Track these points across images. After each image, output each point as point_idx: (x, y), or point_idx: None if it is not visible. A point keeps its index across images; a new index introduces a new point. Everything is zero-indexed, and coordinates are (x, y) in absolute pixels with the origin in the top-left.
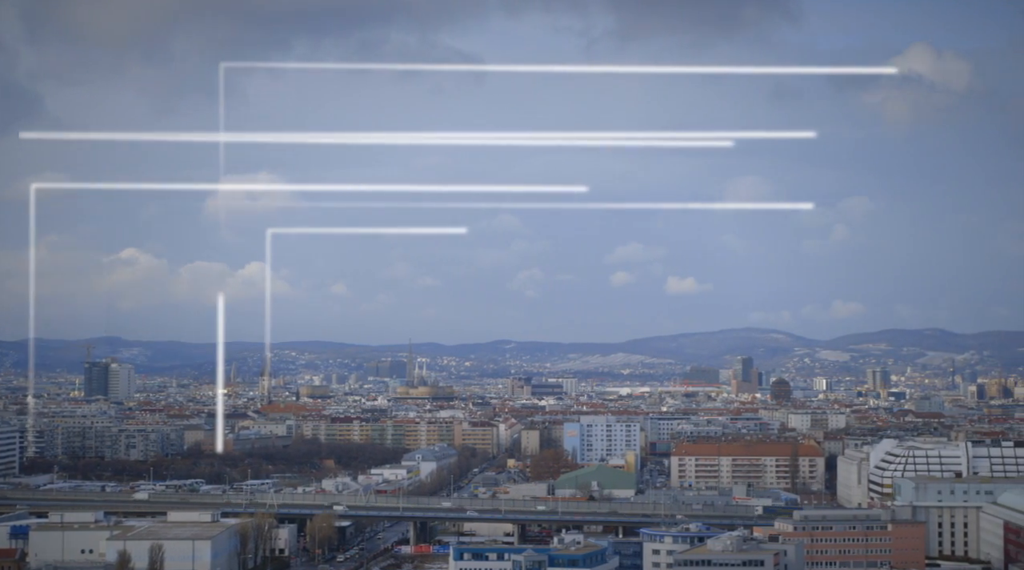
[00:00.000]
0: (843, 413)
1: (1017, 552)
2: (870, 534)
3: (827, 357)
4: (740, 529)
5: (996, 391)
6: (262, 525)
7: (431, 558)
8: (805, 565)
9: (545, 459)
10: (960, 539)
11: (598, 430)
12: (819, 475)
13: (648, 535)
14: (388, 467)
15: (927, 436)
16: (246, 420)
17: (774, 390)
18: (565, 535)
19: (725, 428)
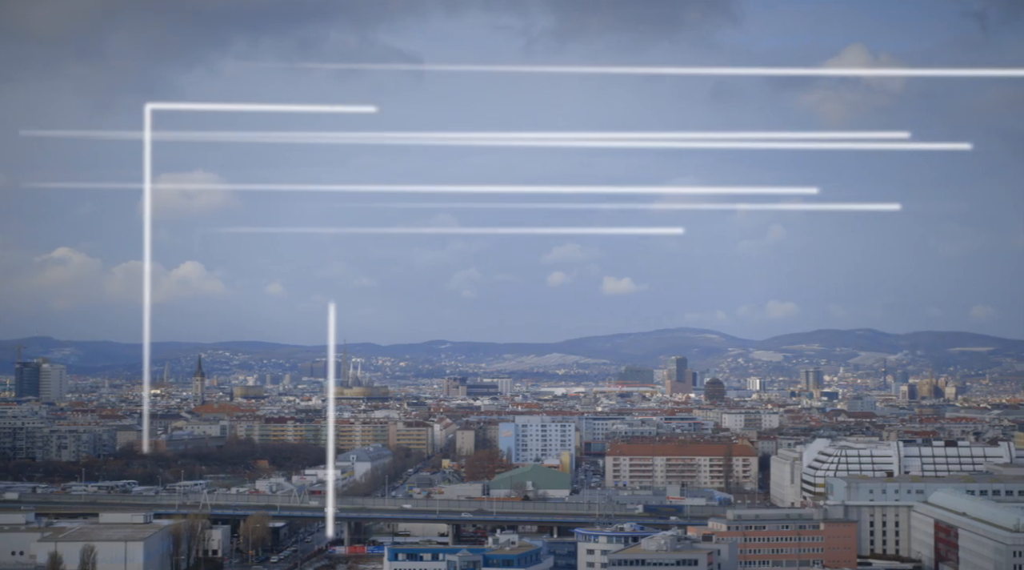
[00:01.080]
0: (776, 413)
1: (947, 551)
2: (803, 533)
3: (761, 357)
4: (674, 528)
5: (927, 391)
6: (195, 526)
7: (365, 558)
8: (739, 564)
9: (480, 459)
10: (891, 538)
11: (533, 430)
12: (752, 475)
13: (582, 535)
14: (323, 467)
15: (859, 436)
16: (179, 421)
17: (708, 390)
18: (500, 535)
19: (659, 428)
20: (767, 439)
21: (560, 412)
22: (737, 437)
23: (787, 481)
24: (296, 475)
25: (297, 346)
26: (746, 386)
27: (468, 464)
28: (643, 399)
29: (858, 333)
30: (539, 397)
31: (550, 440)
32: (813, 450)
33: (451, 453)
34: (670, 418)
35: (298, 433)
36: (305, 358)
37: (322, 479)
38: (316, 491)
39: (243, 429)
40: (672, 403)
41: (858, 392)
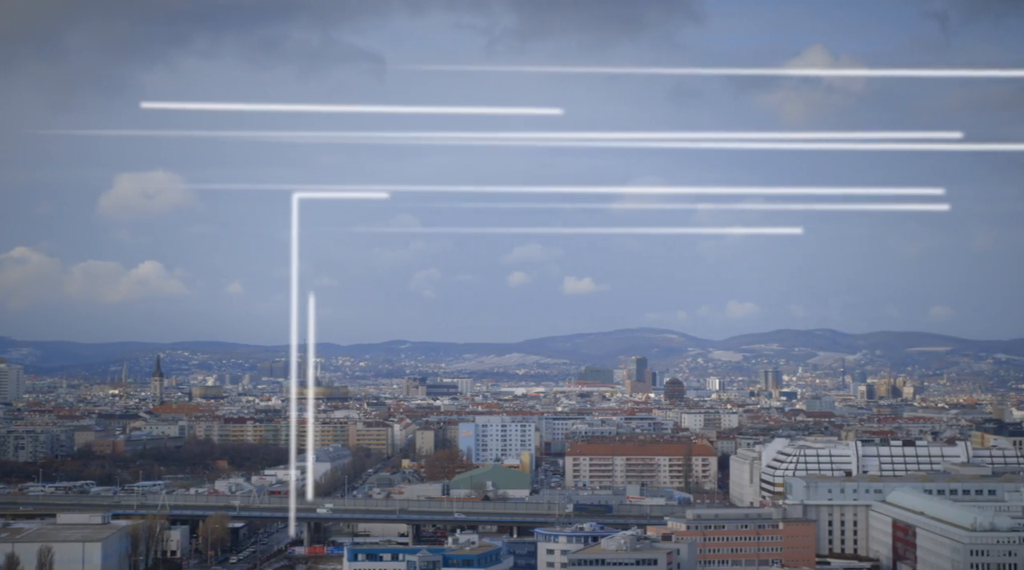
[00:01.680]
0: (736, 413)
1: (905, 550)
2: (762, 533)
3: (720, 357)
4: (634, 528)
5: (885, 391)
6: (153, 527)
7: (325, 559)
8: (698, 564)
9: (440, 459)
10: (850, 537)
11: (493, 430)
12: (712, 474)
13: (542, 535)
14: (282, 468)
15: (818, 435)
16: (137, 421)
17: (668, 390)
18: (460, 535)
19: (619, 428)
20: (726, 439)
21: (520, 412)
22: (697, 437)
23: (746, 481)
24: (255, 475)
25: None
26: (705, 386)
27: (428, 464)
28: (603, 399)
29: (817, 333)
30: (499, 397)
31: (510, 440)
32: (772, 450)
33: (411, 453)
34: (630, 418)
35: (257, 433)
36: (265, 358)
37: (282, 479)
38: (276, 491)
39: (202, 429)
40: (632, 403)
41: (817, 392)
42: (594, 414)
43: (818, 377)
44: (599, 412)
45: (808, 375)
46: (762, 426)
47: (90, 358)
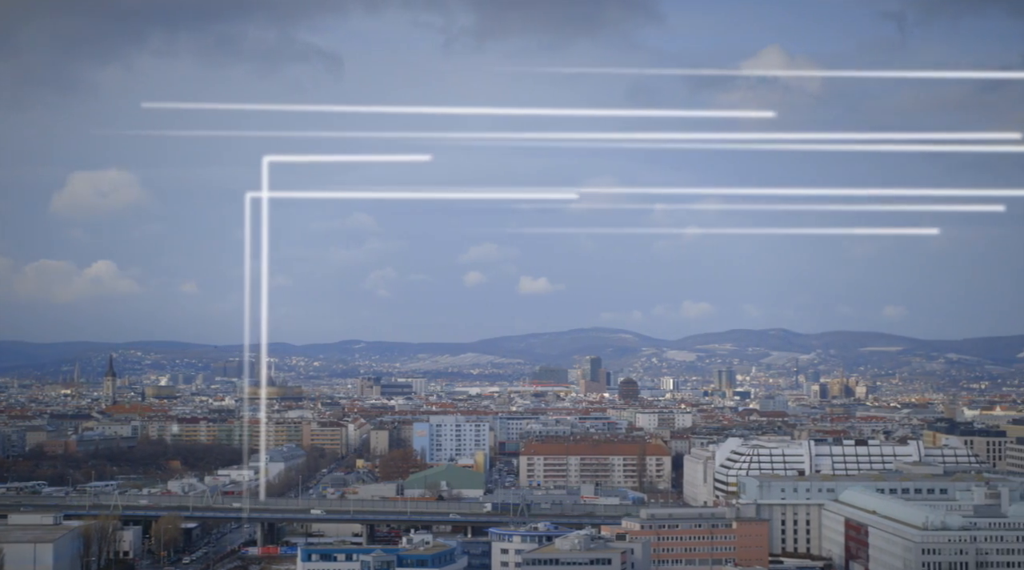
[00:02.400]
0: (689, 412)
1: (857, 549)
2: (715, 532)
3: (674, 357)
4: (588, 528)
5: (838, 390)
6: (106, 527)
7: (279, 559)
8: (651, 563)
9: (394, 459)
10: (803, 536)
11: (447, 430)
12: (666, 474)
13: (497, 535)
14: (235, 468)
15: (771, 435)
16: (90, 421)
17: (622, 390)
18: (414, 535)
19: (573, 428)
20: (680, 438)
21: (474, 412)
22: (651, 436)
23: (700, 480)
24: (209, 476)
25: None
26: (660, 386)
27: (382, 464)
28: (557, 399)
29: (770, 333)
30: (454, 397)
31: (464, 440)
32: (726, 449)
33: (365, 453)
34: (584, 418)
35: (211, 433)
36: (218, 358)
37: (235, 480)
38: (229, 492)
39: (155, 429)
40: (586, 403)
41: (770, 391)
42: (548, 414)
43: (771, 377)
44: (553, 412)
45: (762, 375)
46: (716, 426)
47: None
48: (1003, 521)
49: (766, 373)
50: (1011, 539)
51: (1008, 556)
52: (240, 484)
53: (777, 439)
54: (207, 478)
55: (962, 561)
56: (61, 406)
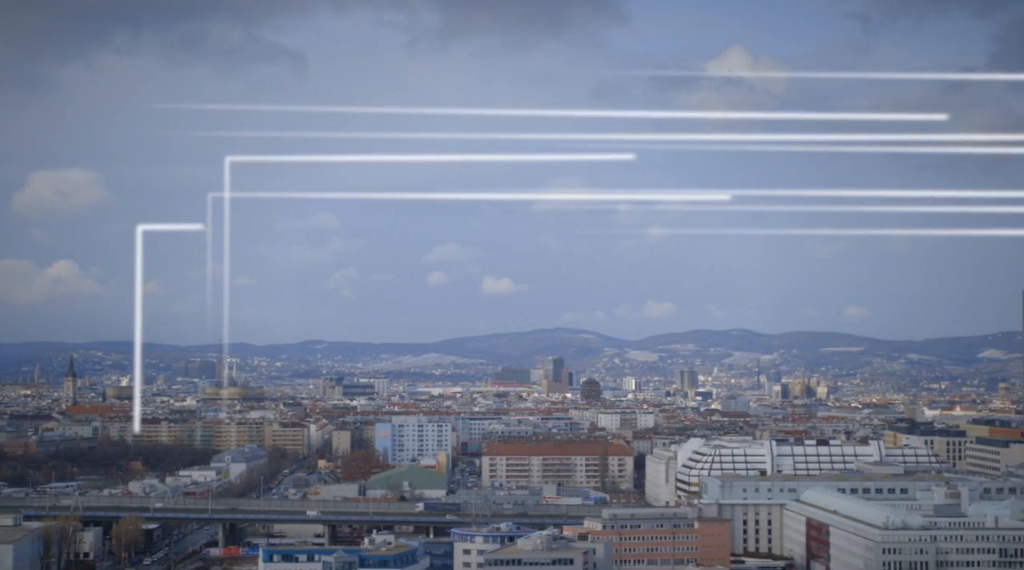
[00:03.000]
0: (652, 413)
1: (819, 548)
2: (677, 532)
3: (636, 357)
4: (550, 528)
5: (799, 390)
6: (66, 528)
7: (240, 560)
8: (614, 563)
9: (356, 460)
10: (764, 536)
11: (409, 430)
12: (628, 474)
13: (459, 535)
14: (197, 468)
15: (733, 435)
16: (50, 422)
17: (584, 390)
18: (376, 536)
19: (536, 428)
20: (642, 439)
21: (437, 412)
22: (613, 437)
23: (662, 480)
24: (170, 476)
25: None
26: (622, 386)
27: (344, 464)
28: (520, 399)
29: (732, 333)
30: (416, 397)
31: (427, 440)
32: (687, 449)
33: (327, 454)
34: (546, 418)
35: (172, 434)
36: (180, 358)
37: (196, 480)
38: (191, 492)
39: (116, 430)
40: (548, 403)
41: (732, 392)
42: (511, 414)
43: (733, 377)
44: (516, 412)
45: (724, 375)
46: (678, 426)
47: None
48: (963, 520)
49: (728, 373)
50: (971, 538)
51: (968, 555)
52: (201, 485)
53: (739, 439)
54: (168, 479)
55: (922, 560)
56: (21, 406)
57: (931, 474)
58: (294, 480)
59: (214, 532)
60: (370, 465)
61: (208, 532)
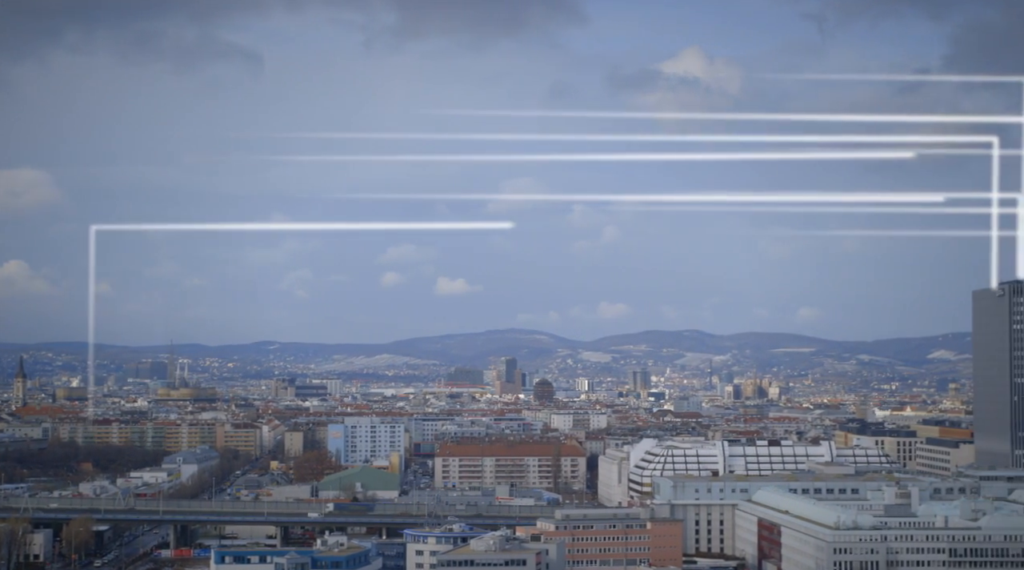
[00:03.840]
0: (604, 413)
1: (770, 548)
2: (630, 532)
3: (589, 358)
4: (503, 529)
5: (751, 391)
6: (16, 530)
7: (192, 562)
8: (566, 564)
9: (309, 461)
10: (716, 536)
11: (362, 431)
12: (581, 474)
13: (411, 536)
14: (148, 470)
15: (685, 436)
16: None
17: (537, 391)
18: (328, 537)
19: (489, 429)
20: (595, 439)
21: (389, 413)
22: (566, 437)
23: (615, 481)
24: (121, 478)
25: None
26: (575, 387)
27: (297, 466)
28: (473, 400)
29: (685, 334)
30: (368, 398)
31: (379, 441)
32: (640, 450)
33: (279, 455)
34: (499, 419)
35: (123, 435)
36: (131, 359)
37: (148, 482)
38: (142, 494)
39: (66, 431)
40: (501, 404)
41: (684, 392)
42: (464, 415)
43: (686, 378)
44: (468, 413)
45: (676, 376)
46: (630, 426)
47: None
48: (913, 520)
49: (680, 374)
50: (921, 538)
51: (918, 555)
52: (153, 486)
53: (691, 440)
54: (119, 480)
55: (873, 560)
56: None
57: (882, 474)
58: (246, 481)
59: (165, 534)
60: (322, 466)
61: (159, 534)
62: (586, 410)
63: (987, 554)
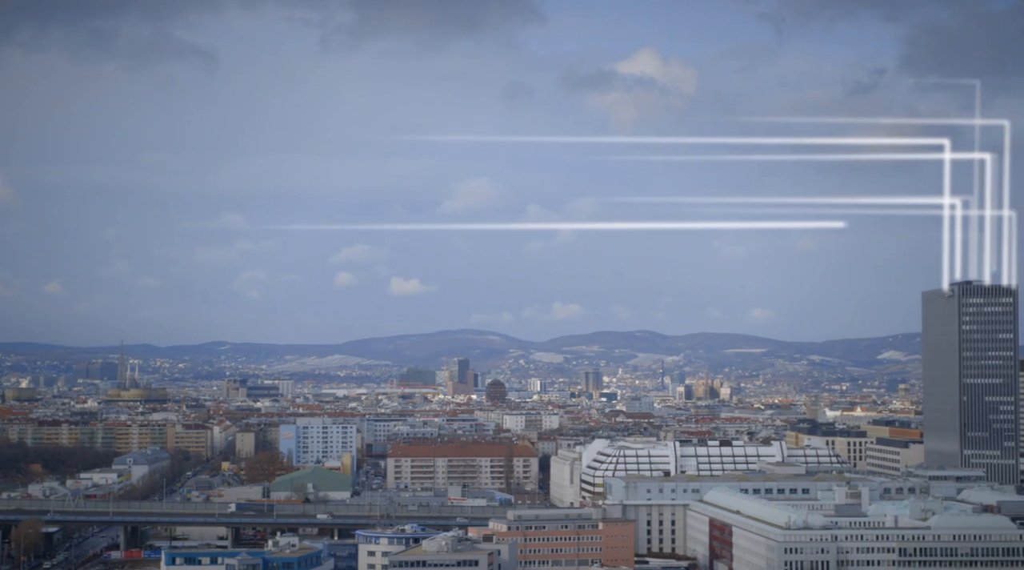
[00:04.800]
0: (557, 414)
1: (722, 548)
2: (582, 533)
3: (542, 359)
4: (455, 529)
5: (703, 391)
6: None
7: (142, 563)
8: (518, 564)
9: (260, 461)
10: (668, 536)
11: (314, 432)
12: (533, 475)
13: (363, 537)
14: (98, 471)
15: (637, 436)
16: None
17: (489, 391)
18: (280, 538)
19: (441, 429)
20: (547, 440)
21: (341, 414)
22: (518, 438)
23: (567, 481)
24: (71, 479)
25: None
26: (527, 387)
27: (248, 466)
28: (425, 400)
29: (637, 335)
30: (320, 399)
31: (331, 442)
32: (592, 450)
33: (231, 455)
34: (452, 419)
35: (73, 436)
36: (81, 359)
37: (98, 483)
38: (92, 495)
39: (15, 432)
40: (454, 404)
41: (636, 393)
42: (416, 415)
43: (638, 378)
44: (421, 414)
45: (628, 376)
46: (582, 427)
47: None
48: (863, 520)
49: (632, 375)
50: (871, 538)
51: (868, 554)
52: (103, 487)
53: (643, 440)
54: (69, 482)
55: (823, 560)
56: None
57: (832, 474)
58: (197, 482)
59: (115, 535)
60: (274, 467)
61: (109, 535)
62: (538, 411)
63: (936, 554)
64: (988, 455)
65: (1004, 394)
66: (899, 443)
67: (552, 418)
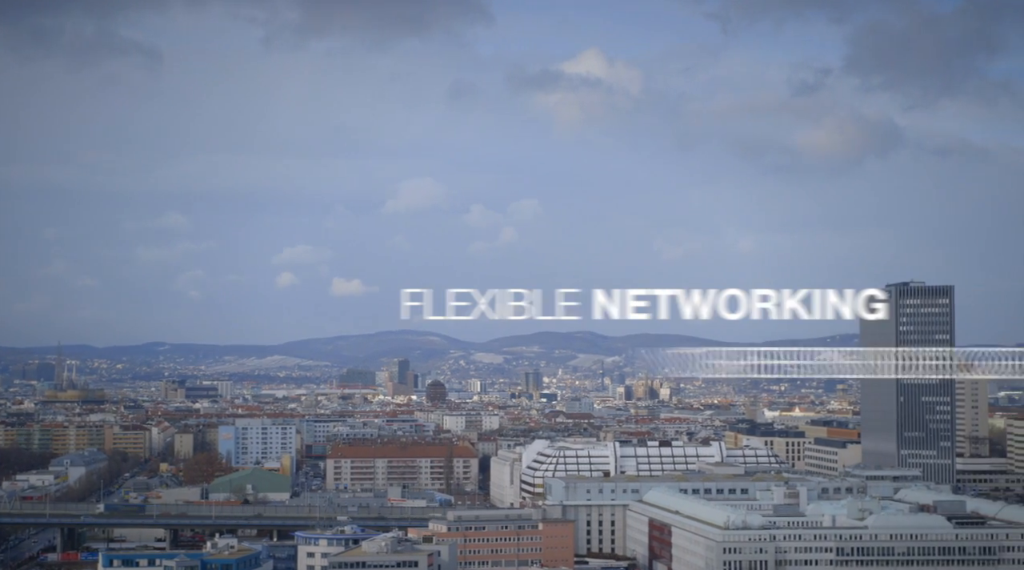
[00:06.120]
0: (497, 415)
1: (661, 548)
2: (522, 533)
3: (482, 359)
4: (395, 530)
5: (643, 392)
6: None
7: (79, 566)
8: (458, 565)
9: (199, 463)
10: (608, 537)
11: (253, 433)
12: (473, 476)
13: (303, 538)
14: (35, 472)
15: (577, 437)
16: None
17: (429, 392)
18: (219, 540)
19: (381, 430)
20: (487, 440)
21: (281, 415)
22: (458, 439)
23: (507, 482)
24: (7, 481)
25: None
26: (467, 388)
27: (187, 468)
28: (365, 401)
29: (577, 336)
30: (260, 400)
31: (271, 443)
32: (532, 451)
33: (169, 457)
34: (391, 420)
35: (9, 437)
36: (17, 360)
37: (34, 485)
38: (28, 497)
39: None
40: (394, 405)
41: (576, 394)
42: (355, 416)
43: (578, 379)
44: (361, 414)
45: (568, 377)
46: (523, 428)
47: None
48: (801, 520)
49: (572, 375)
50: (809, 537)
51: (806, 554)
52: (39, 489)
53: (583, 441)
54: (4, 483)
55: (762, 559)
56: None
57: (771, 474)
58: (135, 484)
59: (52, 537)
60: (213, 468)
61: (46, 537)
62: (478, 411)
63: (873, 553)
64: (924, 455)
65: (940, 395)
66: (837, 443)
67: (492, 419)
